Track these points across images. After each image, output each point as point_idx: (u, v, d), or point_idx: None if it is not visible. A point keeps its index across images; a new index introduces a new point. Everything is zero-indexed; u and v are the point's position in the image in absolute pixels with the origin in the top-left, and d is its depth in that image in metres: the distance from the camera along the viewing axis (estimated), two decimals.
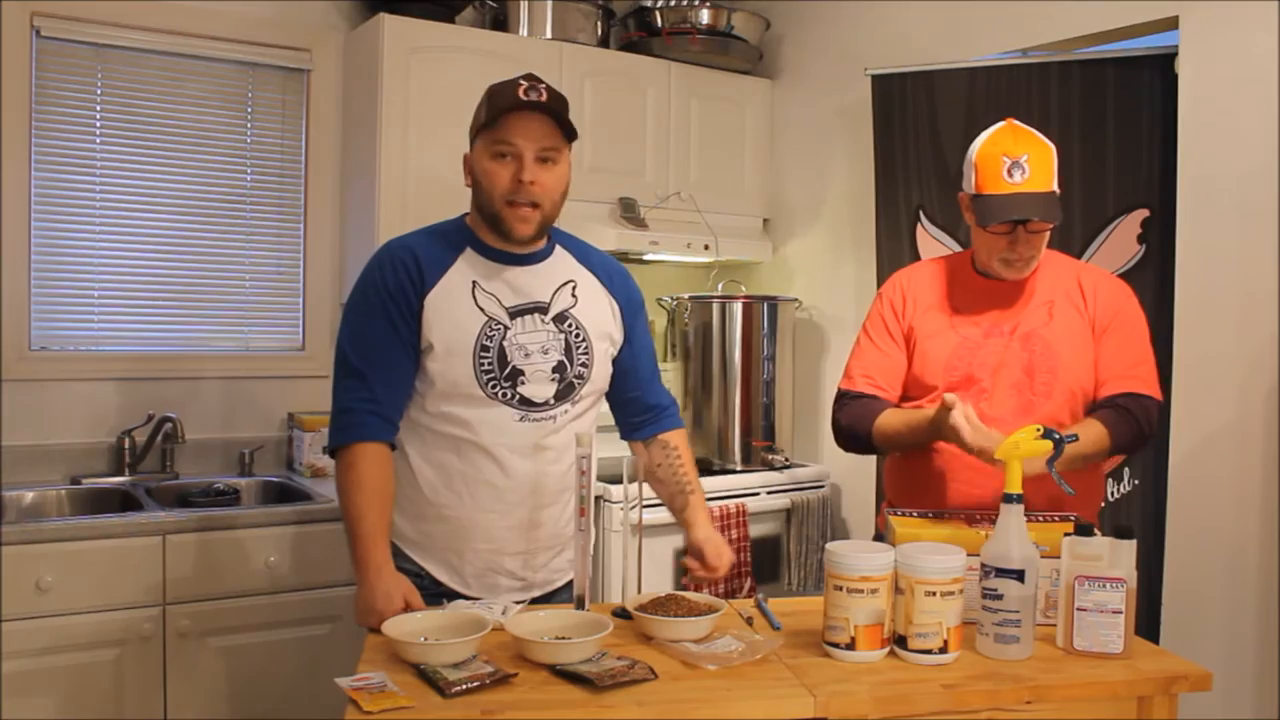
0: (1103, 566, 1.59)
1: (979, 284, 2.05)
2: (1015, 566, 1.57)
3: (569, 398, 1.87)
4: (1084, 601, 1.59)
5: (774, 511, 3.30)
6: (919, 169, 3.01)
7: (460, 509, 1.85)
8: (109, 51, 2.95)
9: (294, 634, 2.62)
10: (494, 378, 1.81)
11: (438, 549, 1.87)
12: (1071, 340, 1.97)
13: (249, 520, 2.59)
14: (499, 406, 1.82)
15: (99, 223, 2.98)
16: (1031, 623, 1.59)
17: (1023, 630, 1.57)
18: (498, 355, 1.81)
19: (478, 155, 1.82)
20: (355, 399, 1.79)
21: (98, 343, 3.00)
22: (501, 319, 1.82)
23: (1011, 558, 1.57)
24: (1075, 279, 2.03)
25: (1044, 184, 1.91)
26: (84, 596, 2.39)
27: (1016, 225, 1.93)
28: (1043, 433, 1.68)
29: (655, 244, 3.36)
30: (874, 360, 2.08)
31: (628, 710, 1.37)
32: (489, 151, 1.80)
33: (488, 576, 1.88)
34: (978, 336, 2.01)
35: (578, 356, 1.88)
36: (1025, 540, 1.60)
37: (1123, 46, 2.72)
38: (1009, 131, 1.96)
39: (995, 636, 1.58)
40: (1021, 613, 1.56)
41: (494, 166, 1.79)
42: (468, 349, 1.79)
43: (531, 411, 1.84)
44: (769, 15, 3.62)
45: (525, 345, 1.82)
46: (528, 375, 1.82)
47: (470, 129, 1.86)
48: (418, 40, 3.04)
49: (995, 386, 1.97)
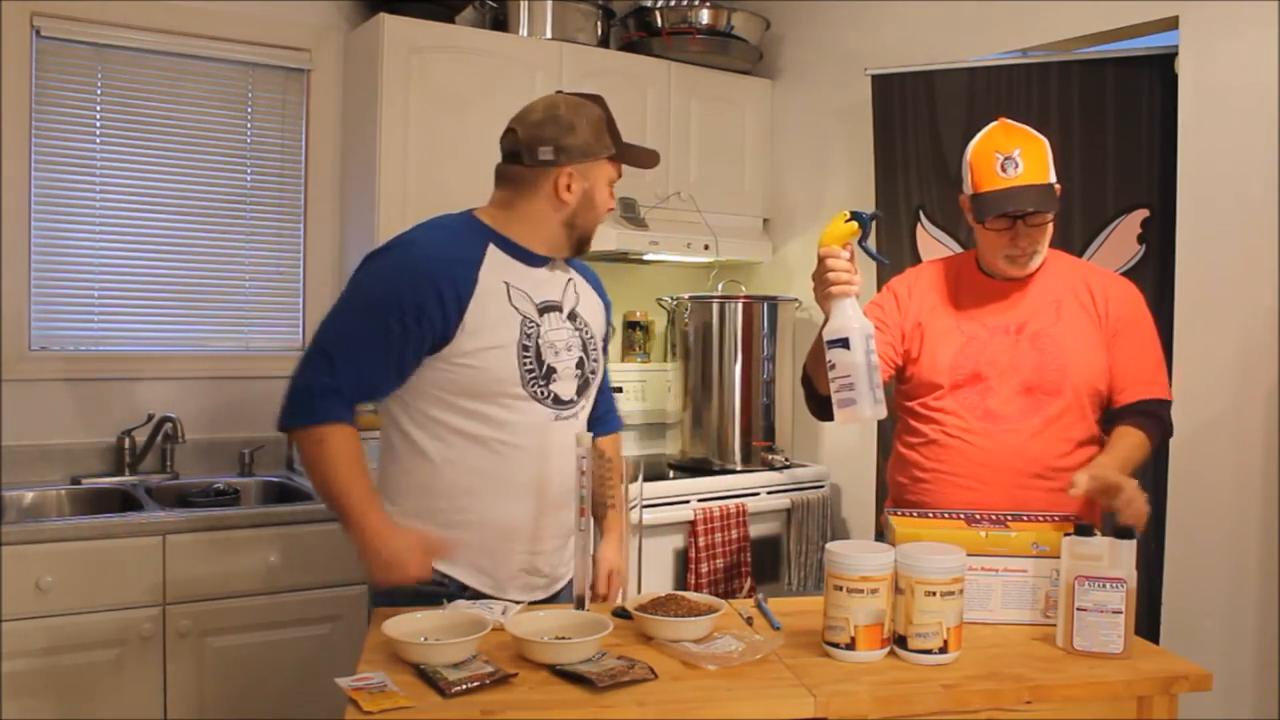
0: (1103, 566, 1.59)
1: (984, 284, 2.05)
2: (841, 336, 1.72)
3: (585, 393, 1.91)
4: (1084, 601, 1.59)
5: (774, 511, 3.30)
6: (919, 169, 3.02)
7: (497, 512, 1.82)
8: (109, 51, 2.95)
9: (294, 634, 2.62)
10: (534, 375, 1.81)
11: (470, 554, 1.83)
12: (1079, 340, 1.98)
13: (249, 520, 2.59)
14: (535, 405, 1.82)
15: (99, 223, 2.98)
16: (868, 387, 1.70)
17: (859, 393, 1.70)
18: (535, 353, 1.82)
19: (599, 180, 1.86)
20: (320, 381, 1.74)
21: (98, 343, 3.00)
22: (533, 317, 1.83)
23: (837, 329, 1.73)
24: (1083, 279, 2.04)
25: (1039, 176, 1.92)
26: (84, 596, 2.39)
27: (1016, 220, 1.93)
28: (850, 215, 1.78)
29: (655, 244, 3.36)
30: None
31: (628, 710, 1.37)
32: (609, 181, 1.87)
33: (521, 578, 1.87)
34: (984, 335, 2.01)
35: (591, 353, 1.92)
36: (851, 316, 1.73)
37: (1123, 46, 2.72)
38: (1001, 129, 1.97)
39: (839, 402, 1.72)
40: (853, 376, 1.70)
41: (608, 194, 1.88)
42: (512, 347, 1.79)
43: (563, 410, 1.86)
44: (769, 15, 3.62)
45: (554, 343, 1.84)
46: (559, 372, 1.85)
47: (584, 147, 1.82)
48: (418, 40, 3.04)
49: (1002, 384, 1.98)
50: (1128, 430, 1.94)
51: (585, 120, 1.82)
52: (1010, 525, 1.74)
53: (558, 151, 1.81)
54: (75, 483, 2.88)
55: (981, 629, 1.68)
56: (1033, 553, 1.70)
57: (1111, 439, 1.95)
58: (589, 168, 1.84)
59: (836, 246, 1.78)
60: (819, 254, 1.79)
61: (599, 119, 1.84)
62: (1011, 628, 1.70)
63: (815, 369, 2.00)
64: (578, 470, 1.73)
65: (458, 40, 3.13)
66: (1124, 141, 2.68)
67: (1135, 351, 1.98)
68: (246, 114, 3.17)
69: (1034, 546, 1.70)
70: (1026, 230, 1.94)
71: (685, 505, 3.10)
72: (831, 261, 1.77)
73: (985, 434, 1.97)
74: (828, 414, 1.97)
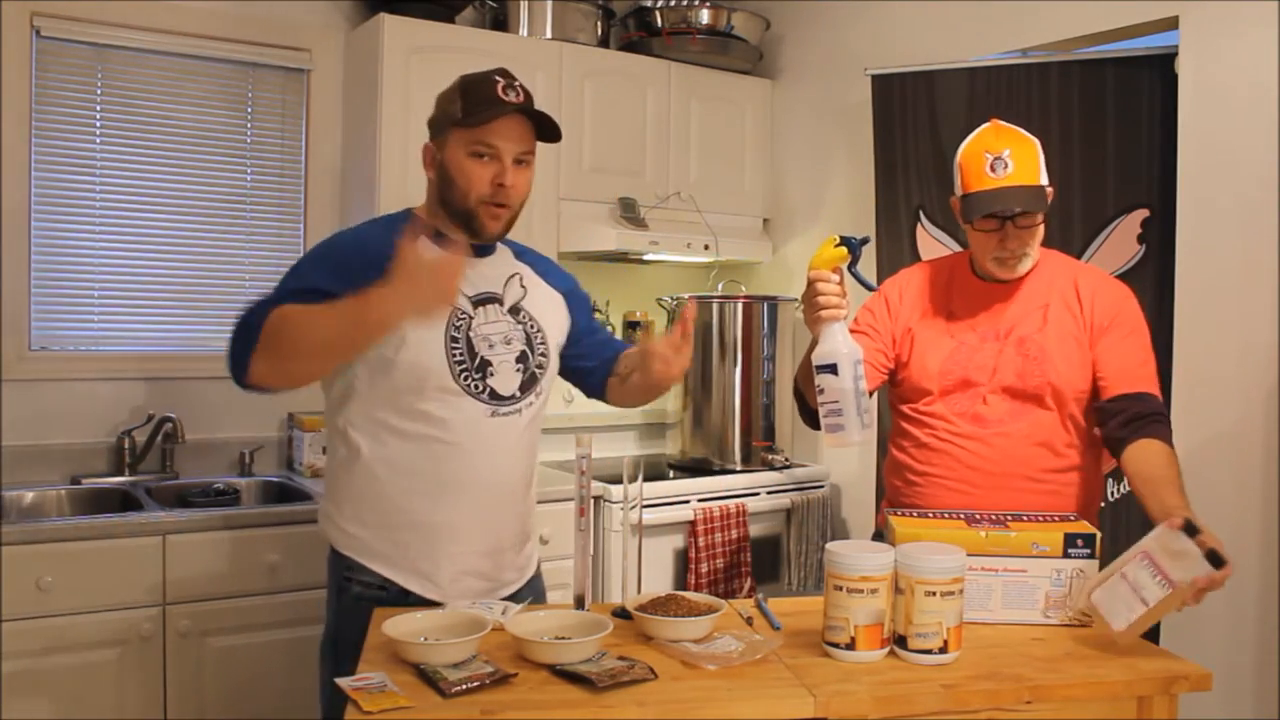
0: (1168, 562, 1.59)
1: (976, 286, 2.05)
2: (829, 361, 1.75)
3: (532, 389, 1.87)
4: (1130, 573, 1.61)
5: (774, 511, 3.30)
6: (919, 169, 3.01)
7: (433, 513, 1.80)
8: (109, 51, 2.95)
9: (294, 634, 2.62)
10: (465, 368, 1.79)
11: (409, 558, 1.81)
12: (1063, 344, 1.95)
13: (249, 520, 2.59)
14: (470, 401, 1.79)
15: (99, 223, 2.98)
16: (855, 412, 1.75)
17: (846, 418, 1.75)
18: (466, 345, 1.79)
19: (452, 151, 1.79)
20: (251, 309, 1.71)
21: (98, 343, 3.00)
22: (465, 308, 1.81)
23: (826, 354, 1.76)
24: (1073, 281, 2.01)
25: (1028, 178, 1.90)
26: (84, 596, 2.39)
27: (1005, 221, 1.92)
28: (839, 241, 1.81)
29: (655, 244, 3.36)
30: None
31: (627, 710, 1.37)
32: (466, 150, 1.78)
33: (461, 580, 1.83)
34: (974, 341, 2.00)
35: (537, 347, 1.89)
36: (840, 341, 1.76)
37: (1123, 46, 2.72)
38: (991, 130, 1.96)
39: (828, 427, 1.77)
40: (841, 402, 1.74)
41: (473, 166, 1.78)
42: (438, 337, 1.77)
43: (501, 406, 1.82)
44: (769, 15, 3.62)
45: (489, 336, 1.82)
46: (495, 366, 1.82)
47: (436, 119, 1.84)
48: (418, 40, 3.04)
49: (991, 390, 1.97)
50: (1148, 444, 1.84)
51: (442, 95, 1.82)
52: (1010, 525, 1.74)
53: (427, 128, 1.85)
54: (75, 483, 2.88)
55: (981, 629, 1.68)
56: (1033, 553, 1.70)
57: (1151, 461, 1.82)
58: (443, 140, 1.81)
59: (826, 270, 1.79)
60: (809, 277, 1.80)
61: (453, 89, 1.81)
62: (1011, 628, 1.70)
63: (806, 384, 2.00)
64: (577, 470, 1.73)
65: (458, 40, 3.13)
66: (1124, 141, 2.68)
67: (1119, 346, 1.95)
68: (246, 114, 3.17)
69: (1034, 546, 1.70)
70: (1015, 232, 1.92)
71: (685, 505, 3.10)
72: (822, 285, 1.78)
73: (975, 438, 1.97)
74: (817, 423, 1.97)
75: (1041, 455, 1.95)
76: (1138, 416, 1.88)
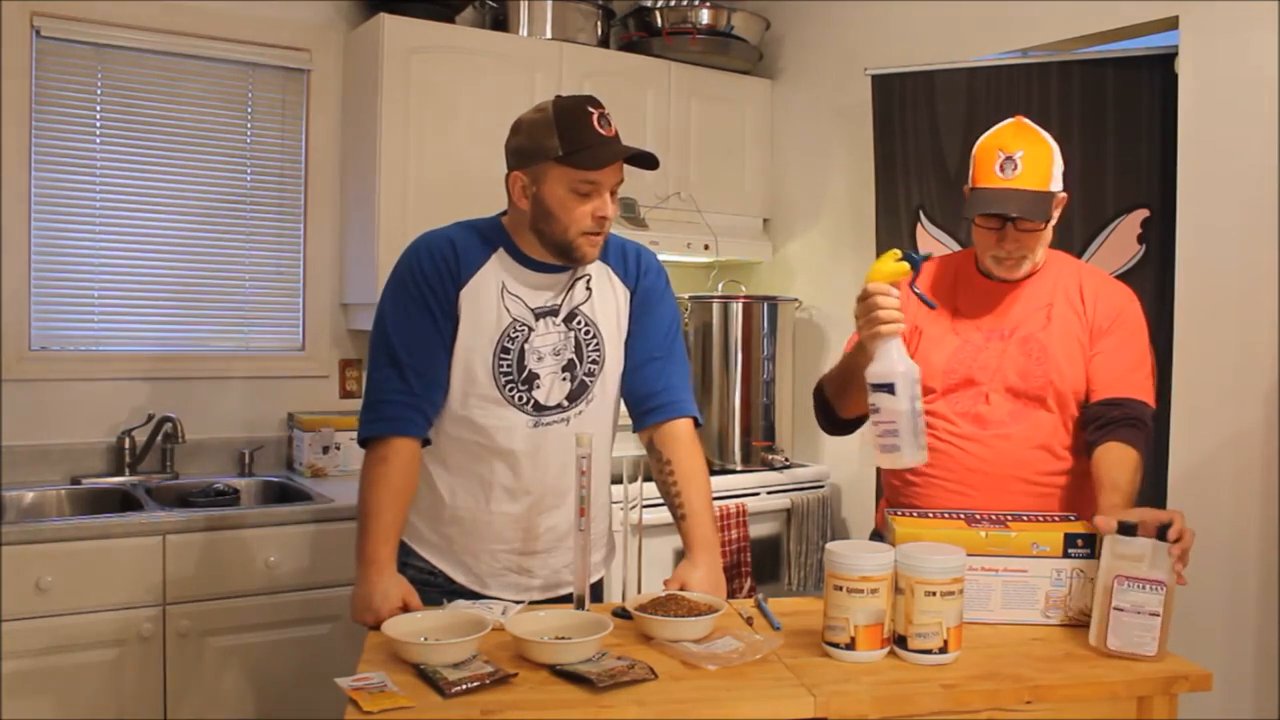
0: (1143, 568, 1.58)
1: (981, 284, 2.04)
2: (886, 381, 1.69)
3: (583, 397, 1.89)
4: (1122, 602, 1.58)
5: (774, 511, 3.30)
6: (919, 169, 3.01)
7: (476, 511, 1.88)
8: (109, 51, 2.95)
9: (294, 634, 2.62)
10: (511, 380, 1.83)
11: (455, 551, 1.90)
12: (1066, 344, 1.95)
13: (249, 520, 2.59)
14: (512, 411, 1.84)
15: (99, 223, 2.98)
16: (911, 434, 1.69)
17: (902, 440, 1.69)
18: (517, 357, 1.83)
19: (551, 187, 1.76)
20: (393, 390, 1.79)
21: (98, 343, 3.00)
22: (527, 320, 1.84)
23: (882, 373, 1.70)
24: (1077, 282, 2.00)
25: (1036, 182, 1.88)
26: (84, 596, 2.39)
27: (1005, 222, 1.91)
28: (901, 256, 1.77)
29: (655, 244, 3.34)
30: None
31: (627, 710, 1.37)
32: (568, 187, 1.76)
33: (504, 575, 1.90)
34: (979, 339, 1.99)
35: (587, 354, 1.89)
36: (897, 359, 1.71)
37: (1123, 46, 2.71)
38: (1012, 127, 1.94)
39: (881, 448, 1.71)
40: (898, 423, 1.69)
41: (575, 202, 1.76)
42: (488, 348, 1.82)
43: (544, 416, 1.86)
44: (769, 15, 3.62)
45: (539, 349, 1.85)
46: (542, 379, 1.85)
47: (526, 149, 1.78)
48: (418, 40, 3.04)
49: (993, 390, 1.97)
50: (1115, 449, 1.82)
51: (531, 123, 1.79)
52: (1010, 525, 1.74)
53: (509, 156, 1.83)
54: (75, 483, 2.88)
55: (981, 629, 1.68)
56: (1033, 553, 1.70)
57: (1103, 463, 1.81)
58: (538, 172, 1.77)
59: (886, 284, 1.74)
60: (868, 289, 1.75)
61: (545, 121, 1.75)
62: (1011, 628, 1.70)
63: (837, 395, 1.99)
64: (577, 470, 1.73)
65: (458, 40, 3.13)
66: (1124, 141, 2.68)
67: (1114, 350, 1.93)
68: (246, 114, 3.17)
69: (1034, 546, 1.70)
70: (1015, 234, 1.91)
71: None
72: (882, 299, 1.73)
73: (975, 439, 1.95)
74: (839, 430, 1.96)
75: (1040, 458, 1.94)
76: (1110, 421, 1.86)
